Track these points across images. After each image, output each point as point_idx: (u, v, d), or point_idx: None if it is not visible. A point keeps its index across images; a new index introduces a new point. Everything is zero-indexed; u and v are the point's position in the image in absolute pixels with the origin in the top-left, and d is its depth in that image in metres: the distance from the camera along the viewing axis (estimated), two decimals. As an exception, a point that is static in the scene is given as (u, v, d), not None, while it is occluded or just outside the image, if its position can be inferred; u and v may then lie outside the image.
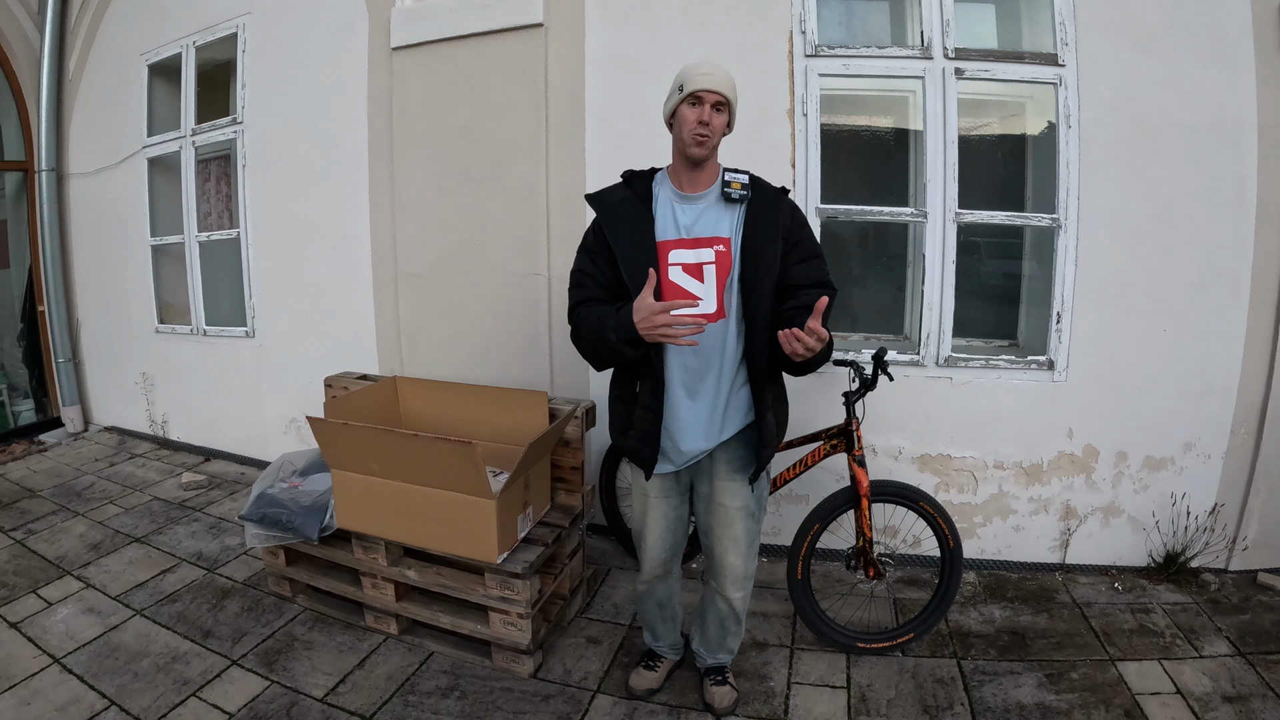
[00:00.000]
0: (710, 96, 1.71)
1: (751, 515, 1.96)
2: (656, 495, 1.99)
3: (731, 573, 2.00)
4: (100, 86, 4.46)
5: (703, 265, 1.76)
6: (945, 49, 2.79)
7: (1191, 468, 2.91)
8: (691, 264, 1.76)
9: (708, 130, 1.72)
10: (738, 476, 1.92)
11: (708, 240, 1.76)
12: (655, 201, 1.81)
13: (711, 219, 1.78)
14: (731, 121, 1.81)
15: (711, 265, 1.75)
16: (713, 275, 1.76)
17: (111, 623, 2.55)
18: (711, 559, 2.04)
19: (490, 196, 3.17)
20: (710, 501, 1.96)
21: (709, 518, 1.98)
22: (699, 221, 1.78)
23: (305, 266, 3.75)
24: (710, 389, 1.83)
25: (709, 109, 1.72)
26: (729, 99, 1.74)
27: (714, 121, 1.73)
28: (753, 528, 1.98)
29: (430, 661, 2.37)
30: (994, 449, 2.94)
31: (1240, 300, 2.80)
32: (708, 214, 1.78)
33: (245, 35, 3.76)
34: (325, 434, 2.30)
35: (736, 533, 1.95)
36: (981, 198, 2.98)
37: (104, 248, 4.61)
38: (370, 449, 2.25)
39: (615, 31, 2.96)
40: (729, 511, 1.93)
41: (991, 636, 2.56)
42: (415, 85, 3.24)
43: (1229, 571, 2.96)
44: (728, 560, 1.98)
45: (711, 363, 1.81)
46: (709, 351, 1.79)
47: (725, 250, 1.76)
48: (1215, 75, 2.71)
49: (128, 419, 4.73)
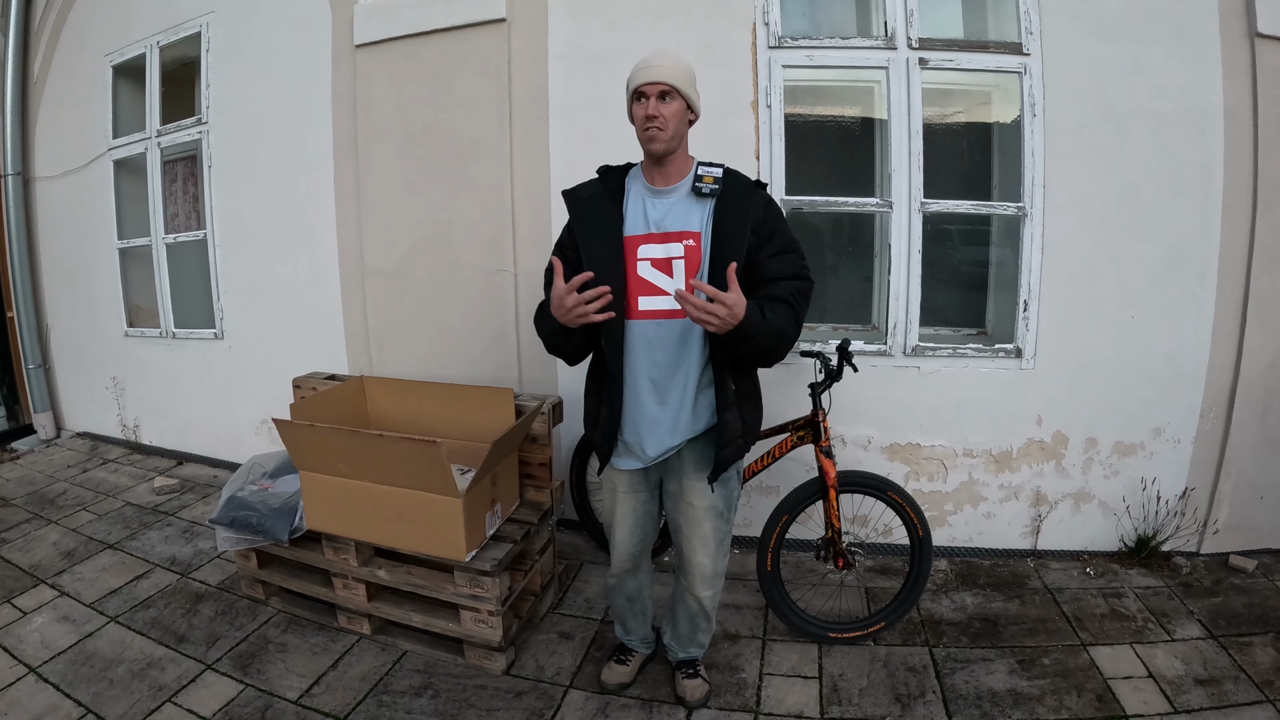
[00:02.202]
0: (652, 89, 1.72)
1: (720, 515, 1.98)
2: (625, 490, 2.01)
3: (700, 571, 2.02)
4: (65, 88, 4.45)
5: (671, 260, 1.77)
6: (909, 39, 2.84)
7: (1161, 453, 2.98)
8: (660, 259, 1.77)
9: (657, 122, 1.72)
10: (704, 476, 1.94)
11: (677, 235, 1.77)
12: (627, 196, 1.84)
13: (681, 213, 1.78)
14: (693, 106, 1.79)
15: (680, 260, 1.76)
16: (681, 270, 1.76)
17: (86, 630, 2.57)
18: (681, 556, 2.07)
19: (455, 193, 3.20)
20: (678, 500, 1.98)
21: (677, 516, 2.01)
22: (669, 216, 1.78)
23: (273, 267, 3.77)
24: (679, 385, 1.84)
25: (654, 100, 1.72)
26: (674, 85, 1.72)
27: (662, 111, 1.72)
28: (721, 527, 2.00)
29: (403, 661, 2.41)
30: (963, 437, 3.00)
31: (1208, 286, 2.87)
32: (678, 208, 1.79)
33: (209, 34, 3.77)
34: (291, 436, 2.33)
35: (705, 532, 1.97)
36: (948, 187, 3.03)
37: (72, 252, 4.61)
38: (337, 450, 2.28)
39: (579, 25, 2.99)
40: (696, 510, 1.96)
41: (963, 624, 2.61)
42: (379, 82, 3.27)
43: (1200, 555, 3.04)
44: (696, 559, 2.01)
45: (680, 359, 1.82)
46: (676, 348, 1.81)
47: (695, 245, 1.76)
48: (1181, 63, 2.77)
49: (100, 424, 4.74)
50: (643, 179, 1.84)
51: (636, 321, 1.81)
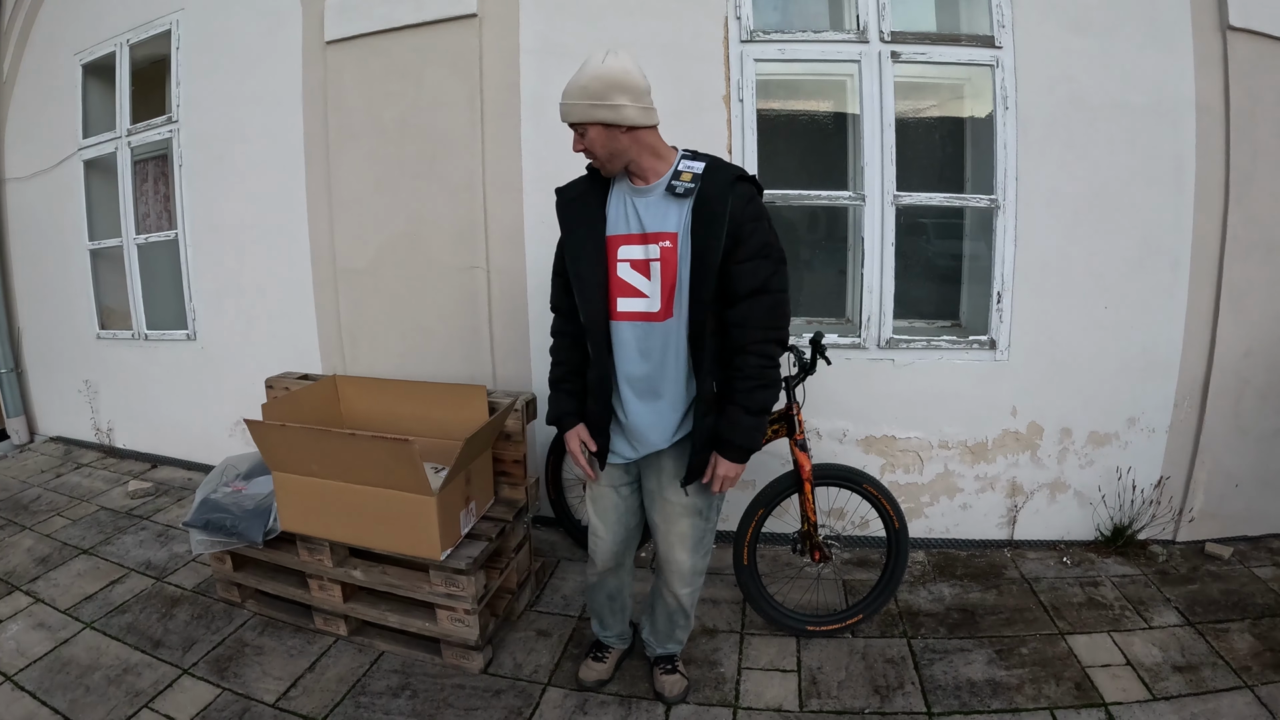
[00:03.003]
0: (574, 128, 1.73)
1: (698, 513, 1.97)
2: (607, 486, 2.01)
3: (678, 569, 2.02)
4: (35, 88, 4.41)
5: (650, 261, 1.74)
6: (881, 32, 2.86)
7: (1136, 442, 3.03)
8: (639, 260, 1.75)
9: (585, 155, 1.75)
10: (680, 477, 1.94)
11: (655, 235, 1.73)
12: (611, 193, 1.81)
13: (660, 213, 1.73)
14: (620, 122, 1.66)
15: (657, 262, 1.73)
16: (658, 272, 1.74)
17: (62, 637, 2.57)
18: (659, 554, 2.07)
19: (427, 190, 3.20)
20: (656, 497, 1.98)
21: (655, 513, 2.01)
22: (648, 215, 1.74)
23: (245, 266, 3.76)
24: (661, 388, 1.83)
25: (575, 137, 1.74)
26: (579, 122, 1.68)
27: (584, 145, 1.72)
28: (700, 525, 1.99)
29: (381, 661, 2.42)
30: (938, 429, 3.04)
31: (1180, 277, 2.91)
32: (656, 207, 1.74)
33: (179, 31, 3.74)
34: (263, 436, 2.33)
35: (682, 529, 1.97)
36: (921, 180, 3.06)
37: (44, 253, 4.57)
38: (309, 450, 2.28)
39: (550, 20, 3.00)
40: (674, 508, 1.96)
41: (941, 615, 2.65)
42: (350, 79, 3.26)
43: (1176, 543, 3.10)
44: (674, 556, 2.01)
45: (662, 362, 1.81)
46: (657, 351, 1.80)
47: (672, 247, 1.72)
48: (1153, 56, 2.81)
49: (73, 428, 4.71)
50: (627, 177, 1.81)
51: (617, 323, 1.81)
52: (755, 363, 1.76)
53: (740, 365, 1.77)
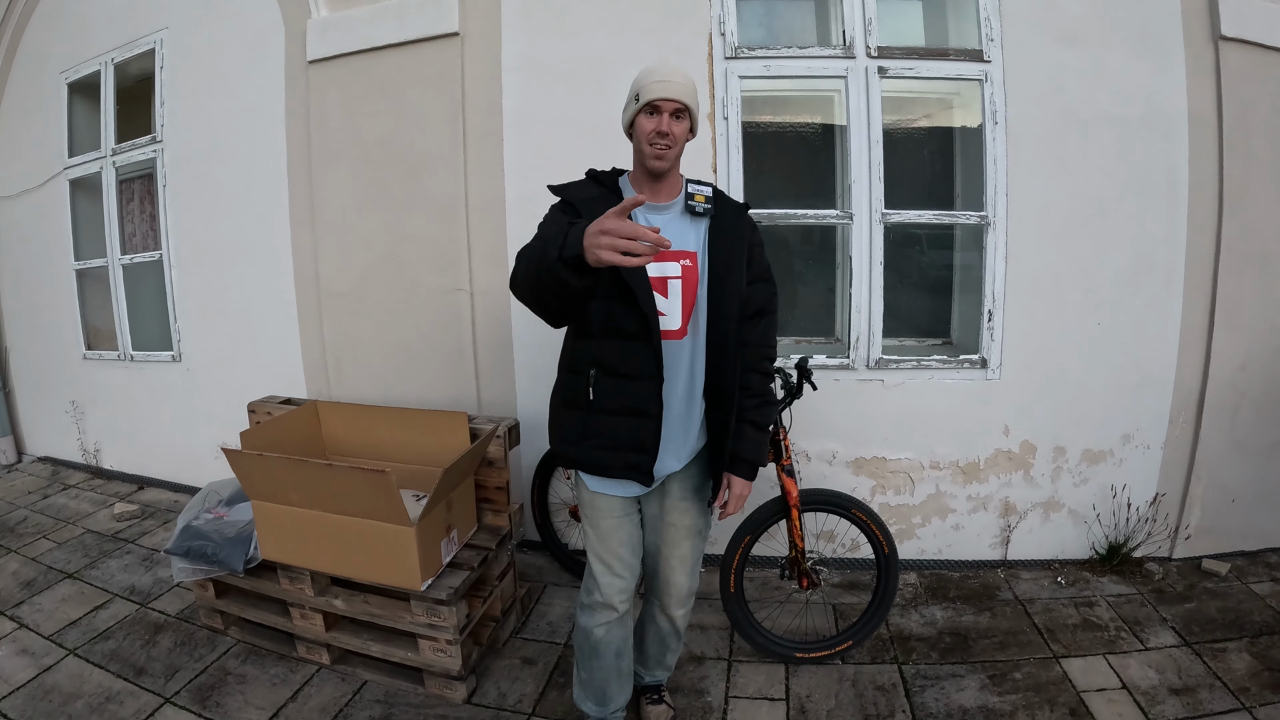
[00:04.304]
0: (668, 105, 1.66)
1: (700, 534, 2.01)
2: (620, 516, 1.90)
3: (677, 591, 2.03)
4: (21, 107, 4.45)
5: (668, 280, 1.73)
6: (868, 48, 2.87)
7: (1131, 459, 3.03)
8: (657, 278, 1.73)
9: (667, 140, 1.67)
10: (691, 497, 1.95)
11: (674, 254, 1.73)
12: None
13: (678, 231, 1.75)
14: (694, 126, 1.75)
15: (677, 280, 1.74)
16: (678, 291, 1.74)
17: (45, 664, 2.58)
18: (656, 578, 2.06)
19: (410, 210, 3.22)
20: (660, 521, 1.98)
21: (657, 538, 2.00)
22: (665, 233, 1.60)
23: (229, 287, 3.77)
24: (679, 410, 1.82)
25: (667, 118, 1.66)
26: (688, 105, 1.68)
27: (674, 130, 1.67)
28: (699, 545, 2.02)
29: (364, 691, 2.42)
30: (929, 449, 3.04)
31: (1174, 291, 2.92)
32: (673, 226, 1.75)
33: (163, 50, 3.77)
34: (241, 466, 2.34)
35: (684, 551, 1.99)
36: (910, 196, 3.06)
37: (30, 273, 4.61)
38: (287, 479, 2.29)
39: (532, 39, 3.01)
40: (679, 531, 1.97)
41: (933, 639, 2.64)
42: (333, 99, 3.28)
43: (1173, 560, 3.10)
44: (674, 579, 2.02)
45: (678, 383, 1.80)
46: (674, 371, 1.78)
47: (692, 265, 1.75)
48: (1144, 67, 2.82)
49: (60, 449, 4.74)
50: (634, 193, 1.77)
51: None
52: (759, 380, 1.92)
53: (748, 383, 1.89)
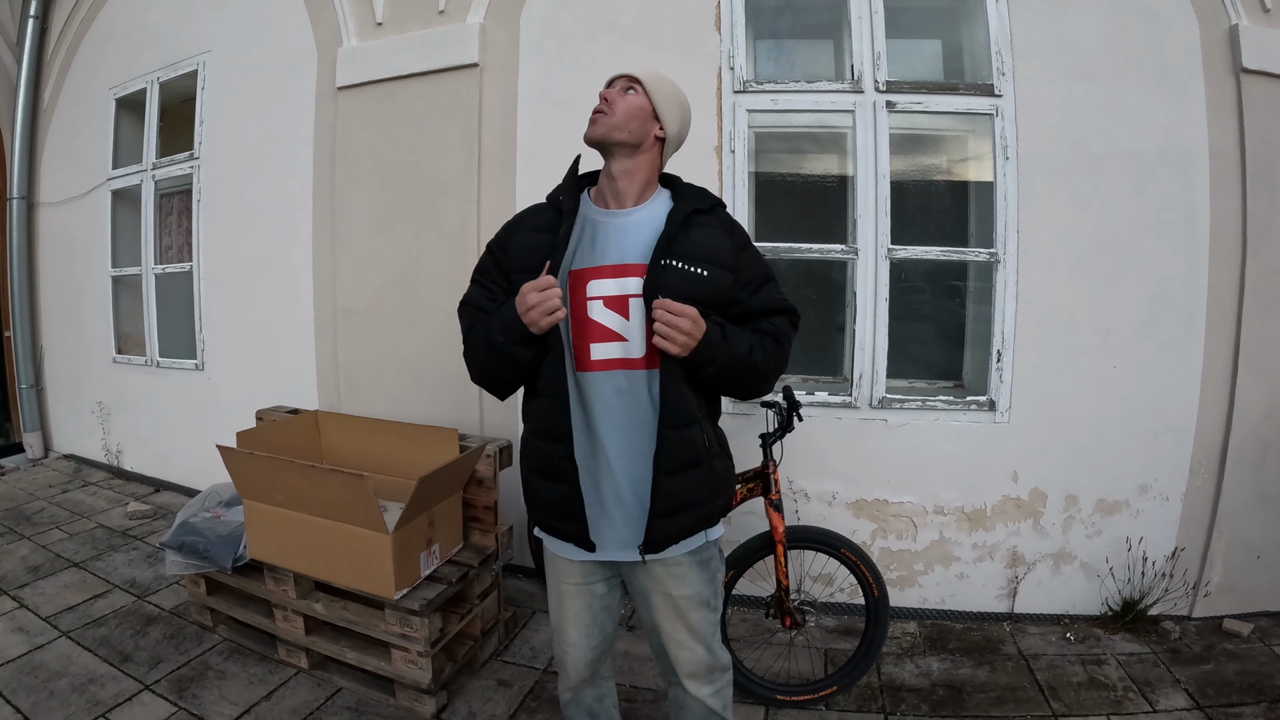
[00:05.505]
0: (618, 81, 1.57)
1: (708, 604, 1.64)
2: (578, 583, 1.64)
3: (693, 669, 1.67)
4: (71, 118, 4.77)
5: (628, 298, 1.49)
6: (876, 82, 2.91)
7: (1148, 510, 2.93)
8: (614, 296, 1.50)
9: (601, 105, 1.53)
10: (686, 561, 1.59)
11: (635, 267, 1.49)
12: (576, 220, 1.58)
13: (638, 240, 1.52)
14: (661, 116, 1.56)
15: (638, 298, 1.47)
16: (639, 310, 1.48)
17: (37, 642, 2.71)
18: (667, 660, 1.71)
19: (423, 234, 3.33)
20: (651, 594, 1.63)
21: (652, 615, 1.66)
22: (623, 241, 1.53)
23: (253, 302, 3.94)
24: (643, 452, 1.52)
25: (615, 91, 1.56)
26: (639, 78, 1.55)
27: (614, 98, 1.53)
28: (710, 618, 1.66)
29: (336, 697, 2.46)
30: (933, 494, 2.97)
31: (1195, 334, 2.84)
32: (632, 234, 1.53)
33: (205, 73, 4.03)
34: (233, 462, 2.44)
35: (691, 623, 1.63)
36: (921, 233, 3.05)
37: (68, 276, 4.89)
38: (273, 479, 2.38)
39: (548, 71, 3.13)
40: (676, 601, 1.61)
41: (925, 690, 2.57)
42: (358, 124, 3.45)
43: (1192, 619, 2.96)
44: (683, 657, 1.66)
45: (644, 421, 1.51)
46: (638, 408, 1.52)
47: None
48: (1162, 101, 2.79)
49: (85, 447, 4.96)
50: (591, 202, 1.61)
51: (590, 374, 1.51)
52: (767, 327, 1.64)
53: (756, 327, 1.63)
